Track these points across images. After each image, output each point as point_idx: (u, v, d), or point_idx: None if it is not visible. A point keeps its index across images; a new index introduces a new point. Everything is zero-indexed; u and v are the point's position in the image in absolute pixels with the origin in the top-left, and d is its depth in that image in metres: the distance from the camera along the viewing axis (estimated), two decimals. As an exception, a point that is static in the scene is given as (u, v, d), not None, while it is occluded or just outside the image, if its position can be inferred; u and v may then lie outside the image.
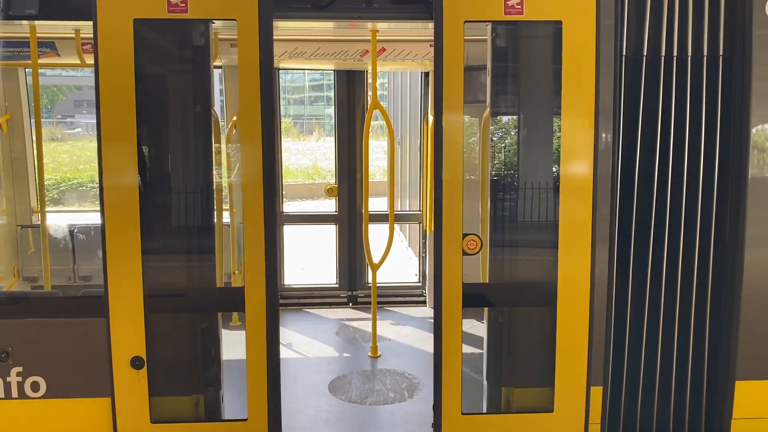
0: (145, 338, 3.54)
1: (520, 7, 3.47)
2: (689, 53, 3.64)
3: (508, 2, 3.47)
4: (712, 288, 3.76)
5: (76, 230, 6.24)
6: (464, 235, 3.59)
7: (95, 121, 3.46)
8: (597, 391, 3.71)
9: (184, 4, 3.39)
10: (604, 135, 3.59)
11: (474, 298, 3.77)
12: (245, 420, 3.64)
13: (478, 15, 3.53)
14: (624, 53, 3.62)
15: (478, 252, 3.64)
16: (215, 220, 6.09)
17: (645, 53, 3.65)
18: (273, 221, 3.53)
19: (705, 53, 3.65)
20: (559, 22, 3.48)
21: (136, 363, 3.54)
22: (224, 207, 6.26)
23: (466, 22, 3.46)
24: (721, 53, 3.64)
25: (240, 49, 3.44)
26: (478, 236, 3.60)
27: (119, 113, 3.41)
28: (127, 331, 3.53)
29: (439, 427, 3.69)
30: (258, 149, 3.48)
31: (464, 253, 3.60)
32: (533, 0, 3.47)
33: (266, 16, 3.41)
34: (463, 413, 3.68)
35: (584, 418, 3.68)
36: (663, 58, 3.65)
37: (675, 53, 3.65)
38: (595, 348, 3.67)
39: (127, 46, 3.38)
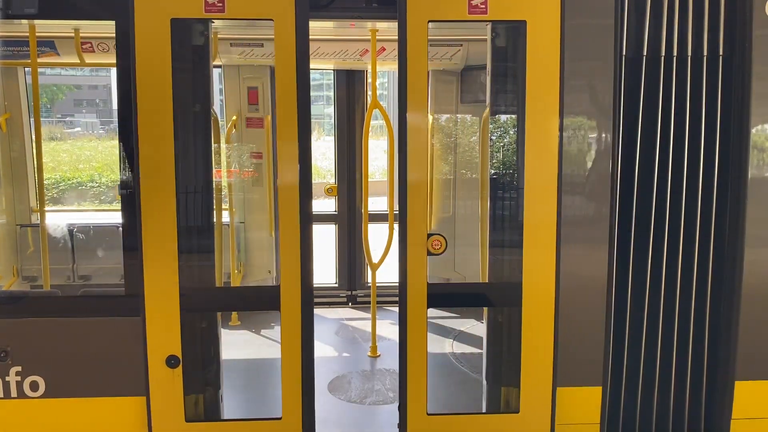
0: (180, 337, 3.53)
1: (484, 6, 3.45)
2: (689, 53, 3.64)
3: (471, 2, 3.45)
4: (711, 289, 3.76)
5: (75, 230, 6.24)
6: (429, 235, 3.59)
7: (129, 121, 3.41)
8: (595, 391, 3.71)
9: (221, 4, 3.37)
10: (601, 134, 3.59)
11: (439, 298, 3.76)
12: (279, 419, 3.64)
13: (441, 15, 3.51)
14: (624, 53, 3.62)
15: (443, 252, 3.62)
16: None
17: (645, 53, 3.65)
18: (308, 221, 3.52)
19: (705, 53, 3.64)
20: (523, 22, 3.46)
21: (171, 362, 3.54)
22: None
23: (429, 21, 3.45)
24: (721, 53, 3.64)
25: (276, 49, 3.41)
26: (443, 236, 3.60)
27: (157, 113, 3.39)
28: (163, 330, 3.53)
29: (404, 427, 3.68)
30: (294, 150, 3.46)
31: (429, 254, 3.60)
32: (497, 0, 3.46)
33: (303, 16, 3.39)
34: (428, 414, 3.67)
35: (550, 419, 3.68)
36: (663, 58, 3.64)
37: (675, 53, 3.64)
38: (594, 348, 3.66)
39: (165, 47, 3.36)
